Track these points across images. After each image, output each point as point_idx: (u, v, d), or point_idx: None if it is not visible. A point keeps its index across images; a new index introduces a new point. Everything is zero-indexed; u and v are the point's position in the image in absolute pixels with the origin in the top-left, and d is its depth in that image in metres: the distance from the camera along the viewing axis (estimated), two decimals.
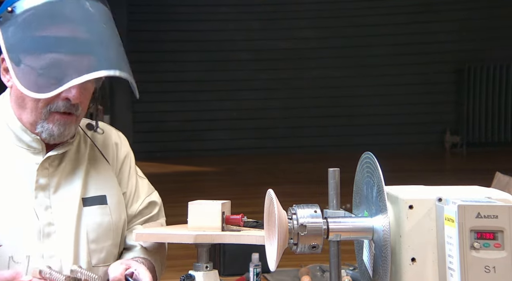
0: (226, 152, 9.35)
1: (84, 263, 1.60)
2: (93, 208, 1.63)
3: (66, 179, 1.63)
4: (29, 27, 1.50)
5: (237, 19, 9.53)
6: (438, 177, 5.22)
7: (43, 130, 1.57)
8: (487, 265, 1.01)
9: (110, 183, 1.70)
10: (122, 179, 1.76)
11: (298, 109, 9.58)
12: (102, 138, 1.74)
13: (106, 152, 1.74)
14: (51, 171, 1.61)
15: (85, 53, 1.50)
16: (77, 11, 1.52)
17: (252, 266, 2.22)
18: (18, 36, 1.50)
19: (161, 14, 9.44)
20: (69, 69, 1.48)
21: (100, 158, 1.72)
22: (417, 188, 1.21)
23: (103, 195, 1.66)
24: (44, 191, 1.59)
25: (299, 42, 9.53)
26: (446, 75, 9.54)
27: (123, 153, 1.78)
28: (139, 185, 1.79)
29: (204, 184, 6.94)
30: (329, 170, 1.20)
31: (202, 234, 1.52)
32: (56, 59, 1.48)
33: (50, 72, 1.48)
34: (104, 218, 1.64)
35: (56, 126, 1.57)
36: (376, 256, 1.15)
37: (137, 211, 1.77)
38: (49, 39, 1.49)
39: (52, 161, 1.62)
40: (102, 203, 1.65)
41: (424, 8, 9.39)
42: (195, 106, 9.45)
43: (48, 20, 1.50)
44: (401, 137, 9.47)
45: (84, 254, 1.60)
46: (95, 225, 1.62)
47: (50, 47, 1.49)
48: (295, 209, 1.15)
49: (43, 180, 1.60)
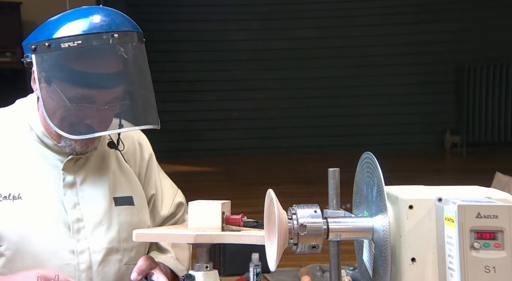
0: (226, 152, 9.35)
1: (115, 260, 1.64)
2: (123, 208, 1.67)
3: (93, 177, 1.66)
4: (67, 62, 1.50)
5: (237, 19, 9.52)
6: (438, 177, 5.21)
7: (66, 145, 1.61)
8: (487, 265, 1.01)
9: (134, 185, 1.73)
10: (150, 180, 1.80)
11: (298, 109, 9.57)
12: (125, 139, 1.75)
13: (128, 154, 1.76)
14: (76, 170, 1.65)
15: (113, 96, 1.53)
16: (114, 57, 1.52)
17: (252, 266, 2.22)
18: (54, 65, 1.51)
19: (161, 14, 9.43)
20: (95, 118, 1.52)
21: (123, 160, 1.75)
22: (417, 188, 1.21)
23: (130, 196, 1.70)
24: (71, 189, 1.63)
25: (299, 42, 9.52)
26: (446, 75, 9.53)
27: (148, 153, 1.83)
28: (164, 186, 1.84)
29: (204, 184, 6.94)
30: (329, 170, 1.20)
31: (202, 234, 1.52)
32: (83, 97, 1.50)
33: (78, 111, 1.51)
34: (133, 218, 1.68)
35: (79, 145, 1.61)
36: (376, 256, 1.15)
37: (168, 213, 1.81)
38: (81, 75, 1.50)
39: (76, 160, 1.65)
40: (130, 203, 1.69)
41: (424, 8, 9.38)
42: (195, 106, 9.45)
43: (85, 61, 1.50)
44: (401, 137, 9.46)
45: (116, 252, 1.64)
46: (126, 224, 1.66)
47: (82, 84, 1.50)
48: (295, 209, 1.15)
49: (69, 178, 1.63)
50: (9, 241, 1.57)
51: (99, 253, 1.62)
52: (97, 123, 1.52)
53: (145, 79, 1.60)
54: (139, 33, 1.59)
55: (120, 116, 1.57)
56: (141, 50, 1.59)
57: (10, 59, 8.08)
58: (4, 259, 1.58)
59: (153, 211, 1.79)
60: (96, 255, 1.62)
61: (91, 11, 1.54)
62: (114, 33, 1.50)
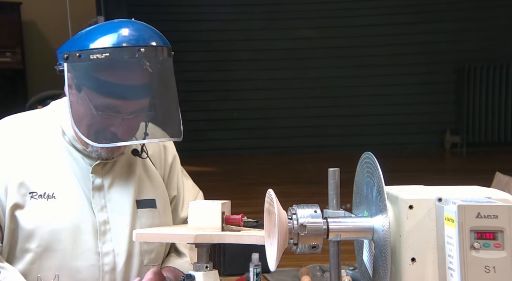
0: (226, 152, 9.35)
1: (137, 261, 1.70)
2: (145, 211, 1.73)
3: (119, 181, 1.72)
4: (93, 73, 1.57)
5: (237, 19, 9.52)
6: (438, 177, 5.22)
7: (92, 150, 1.69)
8: (487, 265, 1.01)
9: (158, 188, 1.79)
10: (172, 182, 1.87)
11: (298, 109, 9.57)
12: (151, 143, 1.81)
13: (154, 156, 1.83)
14: (104, 173, 1.71)
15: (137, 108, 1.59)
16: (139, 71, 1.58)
17: (252, 266, 2.22)
18: (82, 75, 1.58)
19: (161, 14, 9.43)
20: (120, 127, 1.58)
21: (149, 163, 1.81)
22: (417, 188, 1.21)
23: (153, 199, 1.76)
24: (99, 192, 1.69)
25: (299, 42, 9.52)
26: (446, 75, 9.53)
27: (171, 156, 1.90)
28: (186, 187, 1.91)
29: (204, 184, 6.93)
30: (329, 170, 1.20)
31: (202, 234, 1.52)
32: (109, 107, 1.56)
33: (103, 120, 1.57)
34: (154, 220, 1.74)
35: (105, 151, 1.68)
36: (376, 256, 1.15)
37: (187, 216, 1.82)
38: (108, 86, 1.56)
39: (104, 164, 1.71)
40: (152, 206, 1.75)
41: (424, 8, 9.38)
42: (195, 106, 9.45)
43: (111, 73, 1.57)
44: (401, 137, 9.46)
45: (137, 253, 1.70)
46: (148, 226, 1.71)
47: (107, 94, 1.56)
48: (295, 209, 1.15)
49: (98, 180, 1.69)
50: (41, 239, 1.63)
51: (122, 255, 1.67)
52: (121, 132, 1.58)
53: (170, 92, 1.68)
54: (167, 48, 1.64)
55: (144, 127, 1.63)
56: (168, 64, 1.65)
57: (10, 59, 8.09)
58: (33, 255, 1.63)
59: (173, 213, 1.85)
60: (120, 257, 1.67)
61: (122, 25, 1.60)
62: (141, 48, 1.56)
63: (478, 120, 9.35)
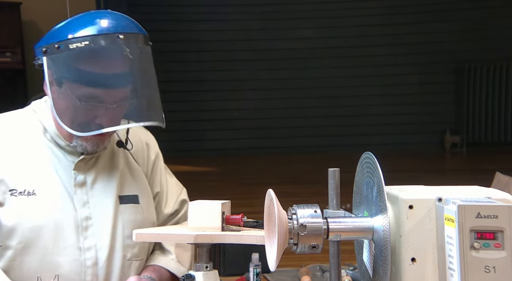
0: (226, 152, 9.35)
1: (119, 256, 1.70)
2: (128, 206, 1.74)
3: (102, 177, 1.73)
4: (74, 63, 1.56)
5: (237, 19, 9.52)
6: (438, 177, 5.22)
7: (77, 145, 1.68)
8: (487, 265, 1.01)
9: (141, 184, 1.80)
10: (155, 179, 1.87)
11: (298, 109, 9.57)
12: (133, 140, 1.83)
13: (137, 153, 1.83)
14: (87, 169, 1.72)
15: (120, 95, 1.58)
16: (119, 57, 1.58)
17: (252, 266, 2.22)
18: (63, 67, 1.57)
19: (161, 14, 9.43)
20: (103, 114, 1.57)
21: (131, 159, 1.81)
22: (417, 188, 1.21)
23: (135, 195, 1.76)
24: (81, 188, 1.70)
25: (299, 42, 9.52)
26: (446, 75, 9.53)
27: (154, 153, 1.89)
28: (169, 184, 1.91)
29: (204, 184, 6.93)
30: (329, 170, 1.20)
31: (202, 234, 1.52)
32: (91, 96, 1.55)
33: (86, 110, 1.57)
34: (137, 216, 1.74)
35: (90, 144, 1.68)
36: (376, 256, 1.15)
37: (172, 211, 1.88)
38: (89, 75, 1.56)
39: (87, 160, 1.72)
40: (135, 202, 1.76)
41: (424, 8, 9.38)
42: (195, 106, 9.45)
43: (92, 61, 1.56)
44: (401, 137, 9.46)
45: (120, 248, 1.70)
46: (130, 222, 1.72)
47: (90, 84, 1.55)
48: (295, 209, 1.15)
49: (80, 177, 1.70)
50: (22, 235, 1.63)
51: (104, 250, 1.68)
52: (105, 121, 1.57)
53: (151, 79, 1.65)
54: (145, 35, 1.64)
55: (127, 113, 1.62)
56: (147, 52, 1.64)
57: (10, 59, 8.09)
58: (13, 252, 1.64)
59: (156, 209, 1.85)
60: (102, 252, 1.67)
61: (99, 15, 1.61)
62: (120, 34, 1.56)
63: (478, 120, 9.35)
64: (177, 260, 1.79)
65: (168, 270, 1.77)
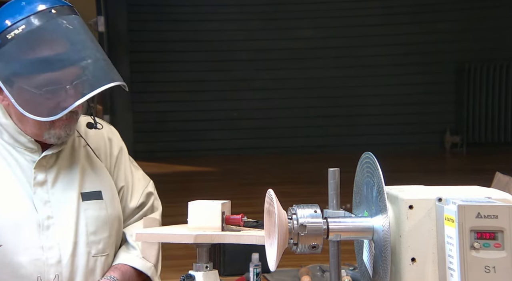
0: (226, 152, 9.35)
1: (84, 253, 1.68)
2: (91, 203, 1.71)
3: (63, 175, 1.71)
4: (20, 52, 1.53)
5: (237, 19, 9.52)
6: (438, 177, 5.22)
7: (50, 136, 1.65)
8: (487, 265, 1.01)
9: (104, 180, 1.77)
10: (119, 173, 1.84)
11: (298, 109, 9.58)
12: (95, 135, 1.81)
13: (99, 149, 1.81)
14: (48, 168, 1.69)
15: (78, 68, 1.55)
16: (62, 31, 1.55)
17: (252, 266, 2.22)
18: (10, 61, 1.54)
19: (161, 14, 9.43)
20: (68, 91, 1.54)
21: (93, 155, 1.79)
22: (417, 188, 1.20)
23: (98, 191, 1.74)
24: (42, 187, 1.67)
25: (299, 42, 9.52)
26: (446, 75, 9.53)
27: (117, 147, 1.86)
28: (135, 177, 1.87)
29: (204, 184, 6.94)
30: (329, 170, 1.20)
31: (202, 234, 1.52)
32: (52, 80, 1.53)
33: (50, 94, 1.54)
34: (101, 212, 1.72)
35: (63, 129, 1.65)
36: (376, 256, 1.15)
37: (138, 204, 1.85)
38: (42, 60, 1.53)
39: (48, 158, 1.69)
40: (98, 198, 1.73)
41: (424, 8, 9.38)
42: (195, 106, 9.45)
43: (37, 44, 1.53)
44: (401, 137, 9.46)
45: (83, 245, 1.68)
46: (93, 218, 1.70)
47: (44, 69, 1.53)
48: (295, 209, 1.15)
49: (40, 176, 1.68)
50: None
51: (68, 247, 1.66)
52: (73, 97, 1.54)
53: (98, 44, 1.62)
54: (71, 6, 1.61)
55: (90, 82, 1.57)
56: (81, 21, 1.61)
57: None
58: None
59: (121, 203, 1.82)
60: (65, 249, 1.65)
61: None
62: (52, 9, 1.53)
63: (478, 120, 9.35)
64: (142, 256, 1.77)
65: (134, 267, 1.74)
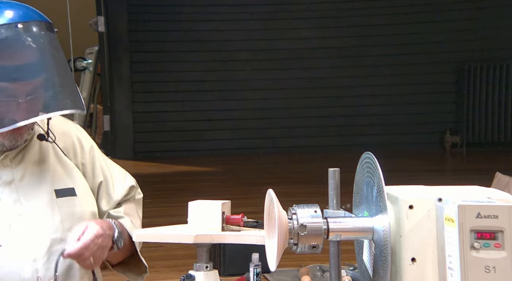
0: (226, 152, 9.34)
1: (61, 248, 1.65)
2: (65, 199, 1.70)
3: (32, 172, 1.69)
4: None
5: (237, 19, 9.52)
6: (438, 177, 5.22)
7: None
8: (487, 265, 1.01)
9: (75, 178, 1.76)
10: (95, 170, 1.82)
11: (298, 109, 9.57)
12: (63, 135, 1.78)
13: (67, 148, 1.79)
14: (13, 166, 1.67)
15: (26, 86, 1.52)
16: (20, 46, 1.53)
17: (252, 266, 2.22)
18: None
19: (161, 14, 9.43)
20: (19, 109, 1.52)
21: (61, 154, 1.77)
22: (417, 188, 1.21)
23: (71, 188, 1.73)
24: (10, 186, 1.65)
25: (299, 42, 9.52)
26: (446, 75, 9.53)
27: (88, 145, 1.84)
28: (112, 172, 1.86)
29: (204, 184, 6.94)
30: (329, 170, 1.20)
31: (202, 234, 1.52)
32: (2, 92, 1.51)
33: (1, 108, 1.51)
34: (75, 208, 1.71)
35: (7, 140, 1.62)
36: (376, 256, 1.15)
37: (122, 194, 1.84)
38: None
39: (13, 157, 1.67)
40: (72, 194, 1.72)
41: (424, 8, 9.38)
42: (195, 106, 9.44)
43: None
44: (401, 137, 9.46)
45: (59, 241, 1.66)
46: (69, 215, 1.69)
47: None
48: (295, 209, 1.15)
49: (6, 176, 1.65)
50: None
51: (44, 244, 1.64)
52: (20, 115, 1.52)
53: (60, 66, 1.60)
54: (47, 22, 1.58)
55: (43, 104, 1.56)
56: (52, 39, 1.58)
57: None
58: None
59: (106, 197, 1.82)
60: (41, 246, 1.64)
61: None
62: (18, 24, 1.51)
63: (478, 120, 9.35)
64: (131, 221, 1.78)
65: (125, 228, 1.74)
